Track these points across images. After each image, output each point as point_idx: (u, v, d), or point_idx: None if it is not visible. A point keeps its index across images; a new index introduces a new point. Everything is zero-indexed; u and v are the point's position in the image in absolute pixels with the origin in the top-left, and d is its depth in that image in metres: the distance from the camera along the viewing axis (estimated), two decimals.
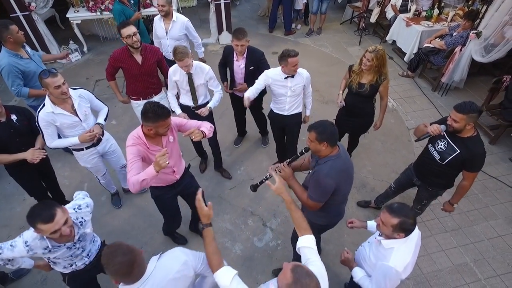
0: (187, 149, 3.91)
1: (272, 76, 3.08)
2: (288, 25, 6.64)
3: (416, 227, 1.88)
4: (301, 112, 3.38)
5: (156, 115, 2.07)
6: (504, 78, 4.03)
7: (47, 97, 2.54)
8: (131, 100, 3.58)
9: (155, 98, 3.50)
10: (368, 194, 3.71)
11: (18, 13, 5.15)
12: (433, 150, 2.60)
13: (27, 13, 5.21)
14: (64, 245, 1.94)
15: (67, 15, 5.66)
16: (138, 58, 3.23)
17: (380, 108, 3.28)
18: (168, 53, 4.01)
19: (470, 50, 4.50)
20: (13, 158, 2.66)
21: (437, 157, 2.55)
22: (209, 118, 3.37)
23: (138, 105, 3.53)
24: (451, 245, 3.25)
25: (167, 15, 3.82)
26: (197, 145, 3.83)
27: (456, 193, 2.67)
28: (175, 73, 3.12)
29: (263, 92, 3.55)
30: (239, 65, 3.41)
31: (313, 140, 1.99)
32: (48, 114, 2.54)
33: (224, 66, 3.59)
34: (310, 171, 2.23)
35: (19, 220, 3.44)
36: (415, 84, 5.38)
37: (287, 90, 3.11)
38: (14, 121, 2.67)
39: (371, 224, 2.29)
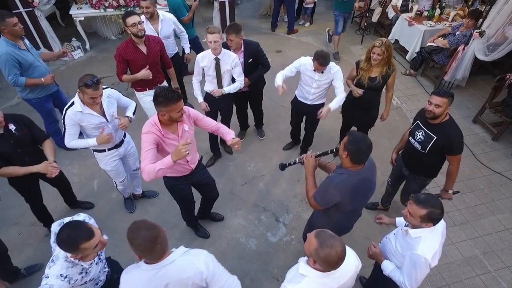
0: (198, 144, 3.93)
1: (304, 63, 3.21)
2: (292, 24, 6.68)
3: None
4: (324, 103, 3.48)
5: (167, 99, 2.08)
6: (507, 76, 4.13)
7: (77, 95, 2.50)
8: (136, 92, 3.56)
9: None
10: (378, 189, 3.71)
11: (21, 9, 5.09)
12: (413, 142, 2.70)
13: (30, 9, 5.15)
14: (94, 260, 1.88)
15: (70, 12, 5.60)
16: (143, 48, 3.23)
17: (386, 100, 3.38)
18: None
19: (473, 49, 4.60)
20: (25, 170, 2.50)
21: (419, 147, 2.65)
22: (228, 102, 3.56)
23: (144, 95, 3.53)
24: (461, 238, 3.32)
25: (152, 16, 3.78)
26: (213, 142, 3.88)
27: (447, 179, 2.73)
28: (203, 59, 3.22)
29: (262, 84, 3.84)
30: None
31: (343, 144, 1.97)
32: (77, 114, 2.51)
33: None
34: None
35: (29, 217, 3.37)
36: (418, 83, 5.47)
37: (313, 82, 3.23)
38: (13, 131, 2.50)
39: (400, 220, 2.29)
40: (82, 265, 1.79)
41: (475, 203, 3.64)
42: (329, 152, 2.25)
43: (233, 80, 3.47)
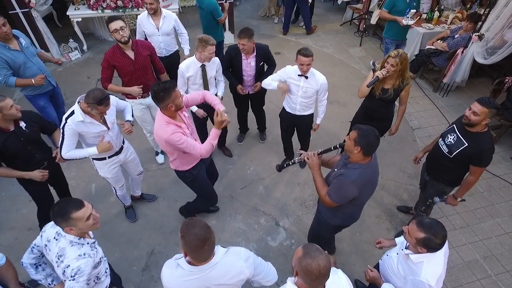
0: None
1: (288, 71, 3.16)
2: (288, 26, 6.69)
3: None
4: (313, 114, 3.44)
5: (167, 90, 2.18)
6: (506, 80, 4.14)
7: (76, 104, 2.45)
8: (127, 99, 3.43)
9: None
10: (378, 192, 3.74)
11: (17, 9, 5.02)
12: (442, 144, 2.67)
13: (26, 10, 5.09)
14: (92, 238, 1.93)
15: (68, 13, 5.53)
16: (130, 53, 3.16)
17: (398, 113, 3.31)
18: (160, 50, 3.99)
19: (472, 52, 4.61)
20: (20, 174, 2.55)
21: (446, 150, 2.61)
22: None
23: (134, 104, 3.41)
24: (461, 242, 3.32)
25: (155, 12, 3.80)
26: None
27: (461, 186, 2.71)
28: (188, 68, 3.17)
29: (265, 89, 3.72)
30: (249, 63, 3.46)
31: (351, 140, 2.00)
32: (78, 124, 2.45)
33: (228, 68, 3.58)
34: (335, 169, 2.25)
35: (26, 222, 3.36)
36: (417, 85, 5.47)
37: (299, 89, 3.16)
38: (24, 128, 2.49)
39: (400, 240, 2.21)
40: (88, 242, 1.84)
41: (475, 207, 3.64)
42: (332, 148, 2.26)
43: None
